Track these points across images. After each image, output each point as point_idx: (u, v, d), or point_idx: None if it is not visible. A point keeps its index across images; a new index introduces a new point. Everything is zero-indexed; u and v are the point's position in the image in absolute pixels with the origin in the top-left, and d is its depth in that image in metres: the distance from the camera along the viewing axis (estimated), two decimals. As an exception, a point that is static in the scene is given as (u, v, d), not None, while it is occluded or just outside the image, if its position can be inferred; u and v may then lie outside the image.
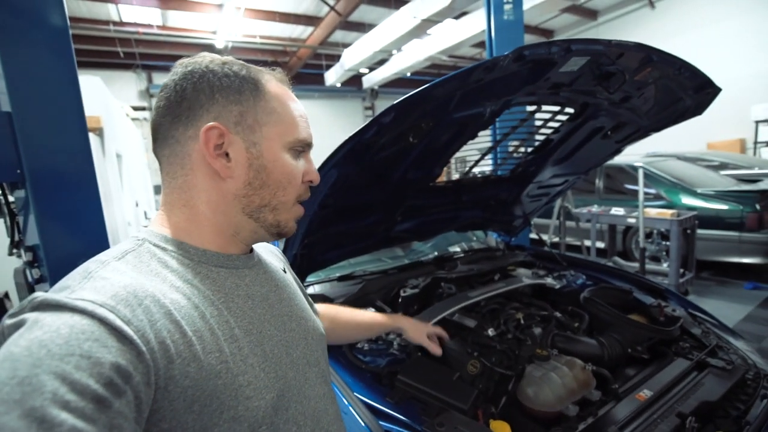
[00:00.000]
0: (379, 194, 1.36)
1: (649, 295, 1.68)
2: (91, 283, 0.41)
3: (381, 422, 0.98)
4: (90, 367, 0.33)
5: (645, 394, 1.10)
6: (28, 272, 1.65)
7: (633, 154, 5.72)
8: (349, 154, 0.92)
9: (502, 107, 1.11)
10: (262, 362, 0.50)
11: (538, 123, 1.48)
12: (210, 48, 8.41)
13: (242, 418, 0.45)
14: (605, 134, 1.53)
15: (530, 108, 1.31)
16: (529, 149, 1.68)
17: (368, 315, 1.08)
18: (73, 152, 1.69)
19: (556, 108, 1.33)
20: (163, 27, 8.11)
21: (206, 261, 0.51)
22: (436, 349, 1.07)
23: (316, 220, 1.23)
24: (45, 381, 0.31)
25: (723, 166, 5.48)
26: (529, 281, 1.76)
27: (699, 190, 4.05)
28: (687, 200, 4.04)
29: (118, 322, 0.37)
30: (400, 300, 1.57)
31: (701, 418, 1.01)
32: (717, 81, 1.26)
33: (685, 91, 1.27)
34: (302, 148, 0.56)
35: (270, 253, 0.70)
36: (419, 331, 1.09)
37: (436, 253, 2.21)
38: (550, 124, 1.47)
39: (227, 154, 0.50)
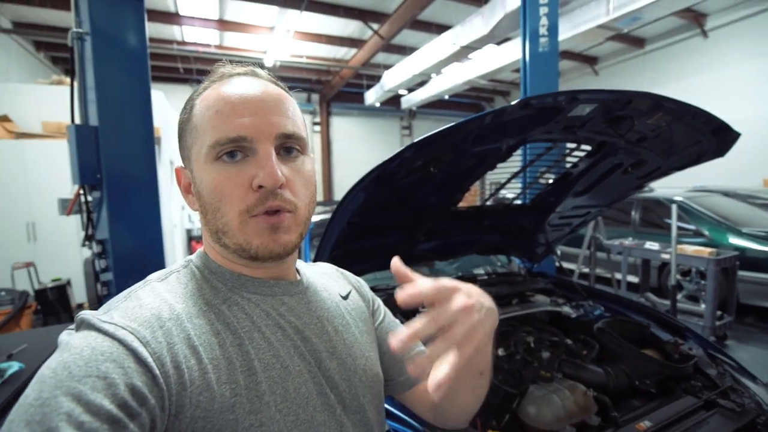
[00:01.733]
0: (403, 215, 1.49)
1: (667, 332, 1.68)
2: (126, 303, 0.44)
3: (387, 421, 1.08)
4: (106, 388, 0.34)
5: (645, 425, 1.13)
6: (96, 262, 1.91)
7: (676, 187, 5.52)
8: (376, 180, 1.06)
9: (518, 143, 1.22)
10: (281, 402, 0.45)
11: (556, 158, 1.56)
12: (260, 66, 9.02)
13: None
14: (625, 170, 1.59)
15: (548, 144, 1.41)
16: (550, 181, 1.75)
17: None
18: (141, 160, 1.96)
19: (573, 145, 1.41)
20: (220, 46, 8.83)
21: (240, 287, 0.50)
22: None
23: (343, 235, 1.37)
24: (62, 402, 0.32)
25: (777, 205, 5.16)
26: (545, 308, 1.81)
27: (744, 230, 3.86)
28: (732, 240, 3.85)
29: (136, 344, 0.38)
30: (417, 315, 1.67)
31: (700, 454, 1.03)
32: None
33: (702, 134, 1.32)
34: (231, 148, 0.46)
35: (332, 279, 0.65)
36: None
37: (459, 274, 2.29)
38: (569, 159, 1.55)
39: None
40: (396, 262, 0.44)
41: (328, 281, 0.63)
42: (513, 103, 0.89)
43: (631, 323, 1.70)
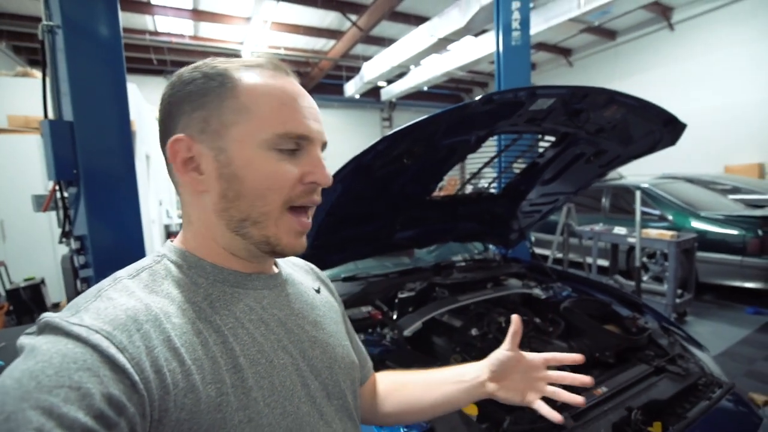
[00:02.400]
0: (381, 205, 1.56)
1: (627, 309, 1.82)
2: (96, 303, 0.40)
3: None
4: (79, 399, 0.32)
5: (601, 390, 1.25)
6: (75, 259, 1.90)
7: (644, 175, 5.79)
8: (352, 172, 1.12)
9: (485, 135, 1.30)
10: (268, 396, 0.45)
11: (523, 148, 1.66)
12: (236, 57, 8.85)
13: None
14: (588, 159, 1.70)
15: (513, 136, 1.50)
16: (519, 170, 1.85)
17: (442, 372, 0.70)
18: (119, 155, 1.95)
19: (538, 136, 1.51)
20: (194, 37, 8.60)
21: (222, 280, 0.49)
22: (555, 416, 0.64)
23: (323, 226, 1.43)
24: (31, 417, 0.30)
25: (735, 190, 5.49)
26: (516, 290, 1.93)
27: (703, 214, 4.11)
28: (692, 223, 4.10)
29: (112, 350, 0.36)
30: (396, 301, 1.75)
31: (648, 413, 1.15)
32: (737, 103, 1.39)
33: (655, 125, 1.43)
34: (293, 144, 0.47)
35: (304, 272, 0.65)
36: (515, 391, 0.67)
37: (438, 261, 2.39)
38: (536, 149, 1.64)
39: (201, 167, 0.47)
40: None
41: (301, 274, 0.63)
42: (476, 99, 0.97)
43: (594, 302, 1.83)
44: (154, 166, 5.84)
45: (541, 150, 1.63)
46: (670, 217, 4.26)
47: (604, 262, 4.38)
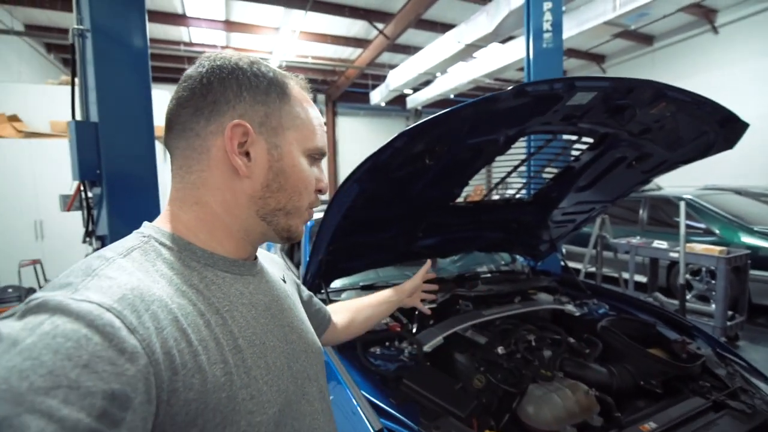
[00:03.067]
0: (400, 210, 1.46)
1: (674, 331, 1.63)
2: (96, 281, 0.38)
3: (382, 420, 1.05)
4: (80, 399, 0.30)
5: (650, 426, 1.09)
6: (96, 259, 1.91)
7: (684, 186, 5.42)
8: (369, 171, 1.03)
9: (516, 135, 1.19)
10: (265, 375, 0.48)
11: (556, 150, 1.52)
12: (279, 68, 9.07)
13: None
14: (629, 164, 1.54)
15: (548, 137, 1.37)
16: (551, 175, 1.72)
17: (375, 297, 1.06)
18: (142, 158, 1.96)
19: (574, 137, 1.37)
20: (226, 47, 8.88)
21: (212, 264, 0.49)
22: (425, 309, 1.19)
23: (339, 230, 1.35)
24: (29, 422, 0.28)
25: (790, 203, 5.04)
26: (547, 306, 1.77)
27: (756, 228, 3.77)
28: (744, 238, 3.76)
29: (123, 332, 0.35)
30: (416, 313, 1.65)
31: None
32: None
33: (709, 125, 1.27)
34: (318, 156, 0.56)
35: (271, 262, 0.68)
36: (411, 298, 1.16)
37: (462, 272, 2.26)
38: (571, 152, 1.51)
39: (248, 154, 0.49)
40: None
41: (269, 264, 0.66)
42: (507, 89, 0.87)
43: (636, 322, 1.65)
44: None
45: (576, 153, 1.49)
46: (717, 231, 3.93)
47: (641, 278, 4.08)
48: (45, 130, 4.49)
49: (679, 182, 5.87)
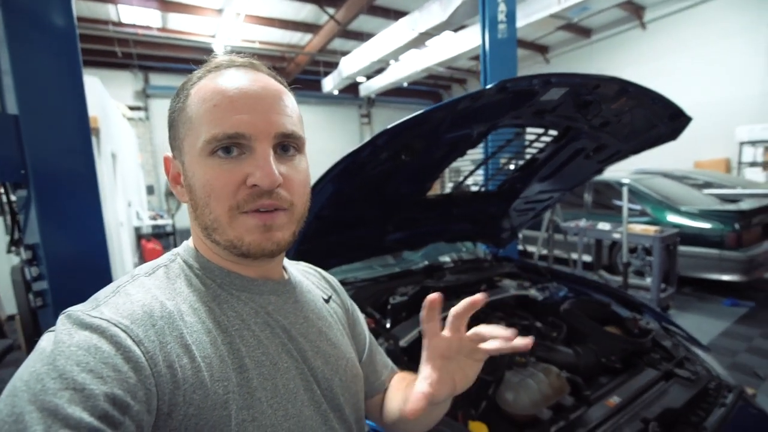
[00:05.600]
0: (373, 207, 1.43)
1: (626, 309, 1.77)
2: (115, 299, 0.42)
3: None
4: (83, 401, 0.33)
5: (614, 400, 1.17)
6: (26, 270, 1.68)
7: (622, 170, 5.89)
8: (345, 171, 0.99)
9: (489, 129, 1.20)
10: (271, 397, 0.46)
11: (524, 143, 1.57)
12: (208, 52, 8.48)
13: None
14: (587, 155, 1.63)
15: (517, 130, 1.40)
16: (516, 167, 1.77)
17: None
18: (76, 153, 1.73)
19: (541, 130, 1.42)
20: (163, 29, 8.16)
21: (228, 284, 0.50)
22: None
23: (311, 230, 1.29)
24: (37, 419, 0.32)
25: (707, 185, 5.66)
26: (514, 292, 1.84)
27: (683, 208, 4.19)
28: (671, 217, 4.17)
29: (129, 342, 0.38)
30: (389, 307, 1.64)
31: (664, 423, 1.08)
32: (704, 102, 1.36)
33: (660, 119, 1.37)
34: (226, 142, 0.44)
35: (316, 279, 0.65)
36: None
37: (426, 263, 2.28)
38: (536, 144, 1.56)
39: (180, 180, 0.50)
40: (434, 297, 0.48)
41: (311, 282, 0.63)
42: (489, 86, 0.86)
43: (593, 302, 1.77)
44: (122, 166, 5.48)
45: (541, 145, 1.54)
46: (651, 212, 4.32)
47: (587, 258, 4.41)
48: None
49: (614, 166, 6.36)
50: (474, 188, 1.93)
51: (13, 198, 1.72)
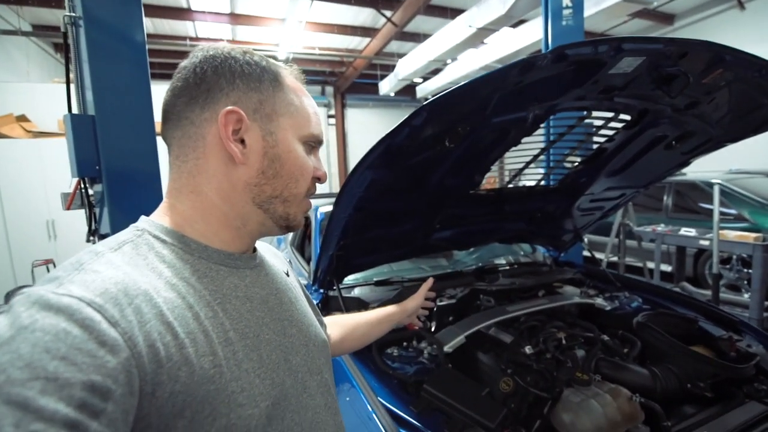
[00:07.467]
0: (416, 200, 1.34)
1: (719, 327, 1.49)
2: (81, 275, 0.38)
3: (401, 430, 0.96)
4: (58, 390, 0.31)
5: (703, 436, 0.97)
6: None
7: (711, 170, 5.16)
8: (382, 157, 0.92)
9: (546, 112, 1.06)
10: (258, 368, 0.47)
11: (589, 131, 1.38)
12: (273, 59, 8.97)
13: (234, 426, 0.43)
14: (669, 144, 1.40)
15: (580, 114, 1.23)
16: (581, 159, 1.57)
17: (375, 314, 1.01)
18: (143, 153, 1.88)
19: (610, 114, 1.23)
20: (232, 41, 8.78)
21: (207, 257, 0.49)
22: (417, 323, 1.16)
23: (351, 223, 1.24)
24: (5, 413, 0.29)
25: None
26: (576, 300, 1.64)
27: (791, 213, 3.55)
28: (776, 223, 3.55)
29: (104, 325, 0.35)
30: (434, 309, 1.54)
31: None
32: None
33: (766, 95, 1.12)
34: (314, 143, 0.56)
35: (273, 256, 0.68)
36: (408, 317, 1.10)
37: (479, 264, 2.14)
38: (604, 131, 1.36)
39: (243, 141, 0.49)
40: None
41: (271, 257, 0.65)
42: (545, 52, 0.74)
43: (675, 317, 1.51)
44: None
45: (611, 133, 1.34)
46: (749, 217, 3.71)
47: (665, 268, 3.89)
48: (53, 129, 4.47)
49: (698, 167, 5.57)
50: (529, 183, 1.76)
51: (90, 192, 1.90)
